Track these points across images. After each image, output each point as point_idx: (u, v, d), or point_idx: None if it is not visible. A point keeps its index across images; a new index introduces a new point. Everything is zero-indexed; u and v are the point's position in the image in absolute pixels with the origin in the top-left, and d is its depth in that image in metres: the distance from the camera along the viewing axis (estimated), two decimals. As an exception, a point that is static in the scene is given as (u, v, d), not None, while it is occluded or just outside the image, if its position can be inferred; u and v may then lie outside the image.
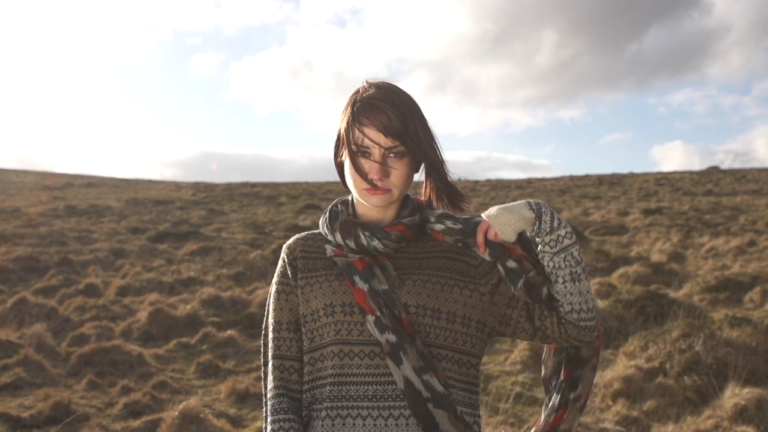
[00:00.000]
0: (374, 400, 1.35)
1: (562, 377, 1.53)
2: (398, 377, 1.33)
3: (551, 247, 1.40)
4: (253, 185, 41.14)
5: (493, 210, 1.42)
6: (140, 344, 6.92)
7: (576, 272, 1.40)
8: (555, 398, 1.53)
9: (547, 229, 1.40)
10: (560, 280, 1.40)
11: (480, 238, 1.42)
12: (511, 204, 1.44)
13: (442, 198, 1.47)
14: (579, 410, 1.51)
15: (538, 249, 1.42)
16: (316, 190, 37.17)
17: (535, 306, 1.43)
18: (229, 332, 7.17)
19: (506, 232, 1.40)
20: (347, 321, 1.38)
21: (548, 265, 1.40)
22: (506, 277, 1.42)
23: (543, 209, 1.41)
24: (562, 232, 1.40)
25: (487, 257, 1.43)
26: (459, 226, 1.43)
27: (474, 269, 1.44)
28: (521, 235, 1.44)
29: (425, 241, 1.47)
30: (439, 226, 1.45)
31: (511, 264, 1.41)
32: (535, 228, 1.41)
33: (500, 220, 1.40)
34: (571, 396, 1.51)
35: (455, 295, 1.40)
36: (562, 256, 1.40)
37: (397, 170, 1.37)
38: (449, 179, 1.45)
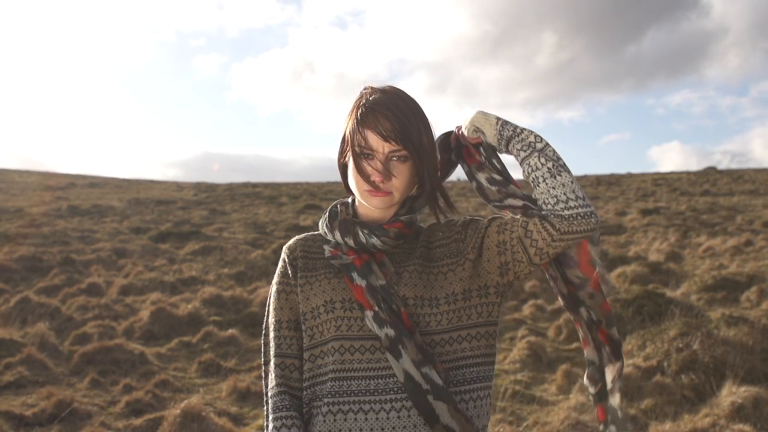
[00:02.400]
0: (375, 394, 1.36)
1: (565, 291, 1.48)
2: (398, 370, 1.35)
3: (524, 152, 1.40)
4: (254, 185, 41.16)
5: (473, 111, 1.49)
6: (142, 343, 6.94)
7: (554, 167, 1.38)
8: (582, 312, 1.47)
9: (510, 132, 1.41)
10: (540, 180, 1.38)
11: (452, 138, 1.51)
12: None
13: (430, 203, 1.49)
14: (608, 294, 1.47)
15: (520, 163, 1.43)
16: (316, 190, 37.19)
17: (517, 225, 1.40)
18: (231, 331, 7.21)
19: (466, 122, 1.46)
20: (347, 317, 1.40)
21: (527, 172, 1.41)
22: (470, 177, 1.48)
23: (508, 122, 1.45)
24: (532, 138, 1.41)
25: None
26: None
27: (461, 243, 1.46)
28: (487, 150, 1.47)
29: (419, 235, 1.50)
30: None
31: (465, 167, 1.48)
32: (499, 129, 1.42)
33: (467, 115, 1.47)
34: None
35: (450, 278, 1.42)
36: (536, 156, 1.39)
37: (400, 174, 1.40)
38: (443, 189, 1.48)
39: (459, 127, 1.51)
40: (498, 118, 1.44)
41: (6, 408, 4.90)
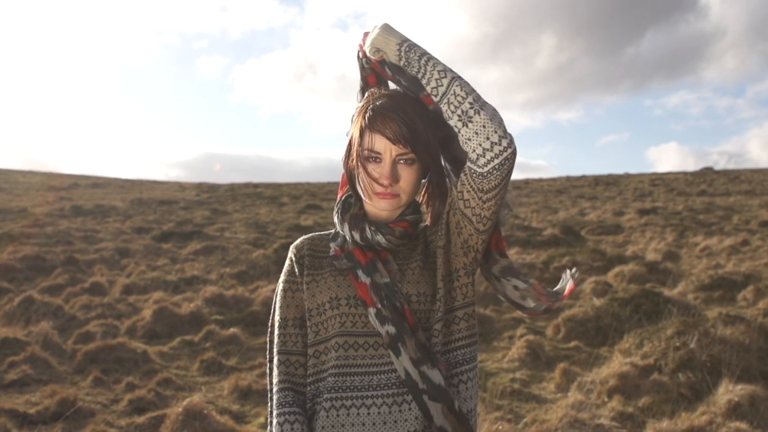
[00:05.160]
0: (377, 389, 1.39)
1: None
2: (399, 368, 1.37)
3: (435, 97, 1.36)
4: (256, 186, 41.23)
5: (380, 24, 1.44)
6: (145, 342, 6.96)
7: (463, 112, 1.32)
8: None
9: (416, 65, 1.37)
10: (456, 130, 1.35)
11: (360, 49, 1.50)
12: (393, 28, 1.42)
13: (434, 203, 1.50)
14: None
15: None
16: (317, 190, 37.23)
17: (458, 198, 1.39)
18: (232, 330, 7.23)
19: (367, 41, 1.44)
20: (352, 313, 1.42)
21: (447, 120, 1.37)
22: None
23: (413, 47, 1.38)
24: (436, 76, 1.35)
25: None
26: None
27: (438, 234, 1.48)
28: (392, 69, 1.43)
29: (418, 235, 1.52)
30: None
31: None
32: (402, 55, 1.38)
33: (376, 26, 1.43)
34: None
35: (438, 269, 1.44)
36: (445, 104, 1.35)
37: (407, 176, 1.42)
38: (445, 188, 1.49)
39: (365, 36, 1.47)
40: (400, 43, 1.39)
41: (10, 406, 4.91)
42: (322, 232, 1.58)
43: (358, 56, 1.50)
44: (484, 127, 1.31)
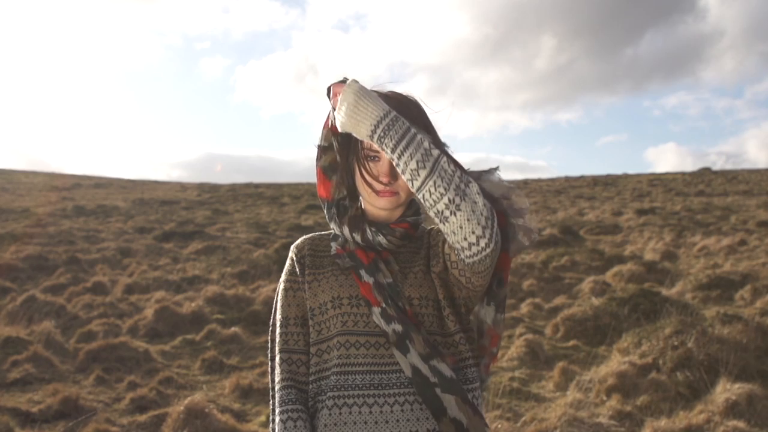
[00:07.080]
0: (379, 388, 1.38)
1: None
2: (405, 366, 1.37)
3: (411, 188, 1.32)
4: (257, 186, 41.29)
5: (355, 87, 1.32)
6: (146, 341, 7.00)
7: (439, 212, 1.29)
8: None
9: (389, 153, 1.31)
10: (437, 223, 1.33)
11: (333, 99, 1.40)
12: (368, 101, 1.31)
13: None
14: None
15: None
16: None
17: (445, 256, 1.40)
18: (233, 329, 7.27)
19: (337, 119, 1.36)
20: (353, 313, 1.43)
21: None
22: None
23: (386, 133, 1.29)
24: (409, 170, 1.29)
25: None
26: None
27: (436, 248, 1.48)
28: None
29: (423, 237, 1.53)
30: None
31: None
32: (375, 139, 1.32)
33: (344, 102, 1.33)
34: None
35: (438, 292, 1.46)
36: (421, 196, 1.31)
37: None
38: None
39: (336, 91, 1.39)
40: (371, 132, 1.31)
41: (13, 405, 4.94)
42: (323, 232, 1.59)
43: (328, 96, 1.43)
44: (461, 227, 1.27)
